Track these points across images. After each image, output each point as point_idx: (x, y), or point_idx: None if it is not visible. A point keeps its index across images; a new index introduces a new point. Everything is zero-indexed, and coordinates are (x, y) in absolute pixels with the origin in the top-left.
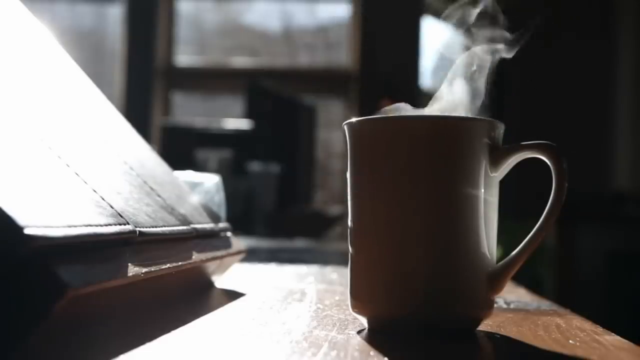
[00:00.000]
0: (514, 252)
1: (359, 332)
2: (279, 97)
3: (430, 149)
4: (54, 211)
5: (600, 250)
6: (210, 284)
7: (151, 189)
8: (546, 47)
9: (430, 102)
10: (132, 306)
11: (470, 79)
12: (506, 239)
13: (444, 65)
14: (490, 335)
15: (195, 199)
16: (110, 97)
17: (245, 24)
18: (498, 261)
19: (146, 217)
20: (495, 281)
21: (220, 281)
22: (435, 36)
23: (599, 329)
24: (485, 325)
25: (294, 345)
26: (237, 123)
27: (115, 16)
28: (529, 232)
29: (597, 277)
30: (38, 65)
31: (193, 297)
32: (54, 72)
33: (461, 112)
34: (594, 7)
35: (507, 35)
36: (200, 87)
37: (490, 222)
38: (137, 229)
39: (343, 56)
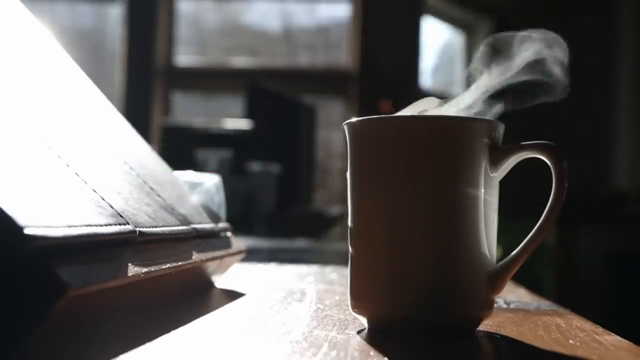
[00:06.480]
0: (514, 252)
1: (359, 332)
2: (279, 97)
3: (430, 149)
4: (54, 211)
5: (600, 251)
6: (210, 284)
7: (151, 189)
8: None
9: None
10: (132, 306)
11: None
12: (506, 239)
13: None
14: (490, 335)
15: (195, 199)
16: (110, 97)
17: (245, 24)
18: (498, 261)
19: (146, 217)
20: (495, 281)
21: (220, 281)
22: (435, 36)
23: (599, 329)
24: (485, 325)
25: (294, 345)
26: (237, 123)
27: (115, 16)
28: (529, 232)
29: (597, 277)
30: (38, 65)
31: (193, 297)
32: (54, 72)
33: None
34: (593, 4)
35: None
36: (200, 87)
37: (490, 222)
38: (137, 229)
39: (343, 56)
